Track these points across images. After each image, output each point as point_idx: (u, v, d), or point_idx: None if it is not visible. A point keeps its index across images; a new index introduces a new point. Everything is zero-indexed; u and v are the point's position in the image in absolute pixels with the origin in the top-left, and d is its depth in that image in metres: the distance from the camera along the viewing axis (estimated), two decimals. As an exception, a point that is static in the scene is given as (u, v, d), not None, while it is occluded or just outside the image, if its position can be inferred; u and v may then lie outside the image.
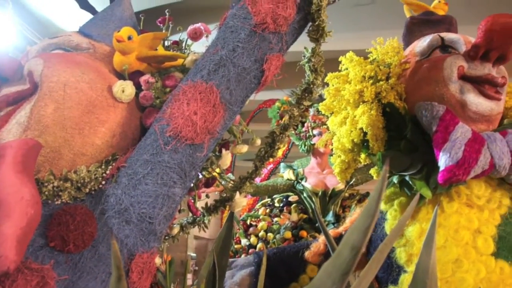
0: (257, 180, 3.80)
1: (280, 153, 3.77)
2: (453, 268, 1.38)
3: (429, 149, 1.43)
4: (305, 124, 3.28)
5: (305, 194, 3.20)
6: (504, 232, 1.42)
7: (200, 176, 1.38)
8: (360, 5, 4.39)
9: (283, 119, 1.29)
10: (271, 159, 4.18)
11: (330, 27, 1.26)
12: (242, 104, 1.17)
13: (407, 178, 1.50)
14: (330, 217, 3.08)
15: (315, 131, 3.25)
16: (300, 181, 3.26)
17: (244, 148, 1.36)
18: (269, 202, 3.45)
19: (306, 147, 3.29)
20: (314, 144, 3.22)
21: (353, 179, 3.14)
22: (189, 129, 1.08)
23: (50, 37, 1.30)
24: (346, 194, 3.24)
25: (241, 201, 1.35)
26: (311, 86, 1.26)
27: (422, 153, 1.47)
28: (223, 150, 1.32)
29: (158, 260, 1.29)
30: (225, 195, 1.38)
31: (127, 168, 1.11)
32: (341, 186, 3.16)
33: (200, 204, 1.44)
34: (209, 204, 1.41)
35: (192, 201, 1.36)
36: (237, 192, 1.36)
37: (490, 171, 1.40)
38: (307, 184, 3.21)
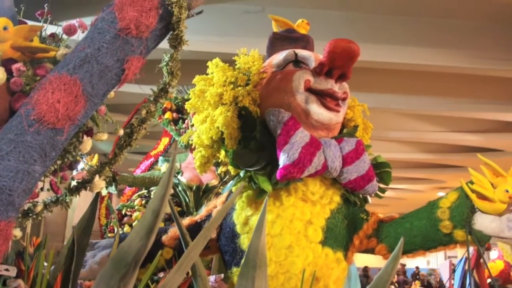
0: (137, 172, 3.89)
1: (161, 147, 3.88)
2: (286, 253, 1.57)
3: (275, 150, 1.62)
4: (185, 121, 3.42)
5: (180, 188, 3.32)
6: (332, 224, 1.64)
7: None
8: (249, 13, 4.63)
9: (142, 114, 1.44)
10: (152, 153, 4.23)
11: (219, 31, 1.42)
12: (103, 97, 1.30)
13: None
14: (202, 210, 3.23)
15: (195, 128, 3.39)
16: (176, 175, 3.39)
17: (104, 136, 1.49)
18: (145, 193, 3.54)
19: (184, 143, 3.43)
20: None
21: (227, 176, 3.33)
22: (51, 114, 1.19)
23: None
24: (220, 190, 3.41)
25: (100, 183, 1.48)
26: (167, 86, 1.42)
27: (268, 152, 1.65)
28: (85, 136, 1.45)
29: (18, 233, 1.39)
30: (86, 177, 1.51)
31: None
32: (215, 182, 3.32)
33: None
34: (71, 185, 1.53)
35: (55, 180, 1.48)
36: (97, 176, 1.49)
37: (323, 171, 1.61)
38: (183, 178, 3.33)
